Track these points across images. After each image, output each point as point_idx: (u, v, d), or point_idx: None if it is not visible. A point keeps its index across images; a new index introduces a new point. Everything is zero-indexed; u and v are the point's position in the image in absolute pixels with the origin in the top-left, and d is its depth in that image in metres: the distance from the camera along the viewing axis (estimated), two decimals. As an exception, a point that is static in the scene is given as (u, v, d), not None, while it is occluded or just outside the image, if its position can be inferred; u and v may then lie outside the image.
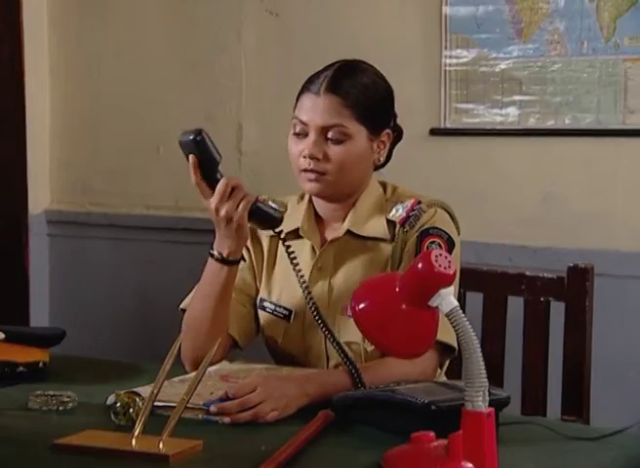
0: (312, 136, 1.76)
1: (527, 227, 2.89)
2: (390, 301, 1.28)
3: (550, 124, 2.87)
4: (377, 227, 1.81)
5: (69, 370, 1.86)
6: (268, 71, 3.24)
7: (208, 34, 3.32)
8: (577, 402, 2.02)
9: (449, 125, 2.97)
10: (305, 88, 1.81)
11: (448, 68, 2.95)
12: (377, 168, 1.86)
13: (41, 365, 1.82)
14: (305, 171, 1.78)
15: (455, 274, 1.26)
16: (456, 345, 1.72)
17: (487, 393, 1.23)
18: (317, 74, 1.82)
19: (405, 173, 1.96)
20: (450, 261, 1.23)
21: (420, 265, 1.24)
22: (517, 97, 2.89)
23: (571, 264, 2.04)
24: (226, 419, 1.52)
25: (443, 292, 1.23)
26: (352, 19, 3.09)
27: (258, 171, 3.27)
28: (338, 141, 1.76)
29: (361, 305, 1.30)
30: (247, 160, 3.30)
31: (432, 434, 1.25)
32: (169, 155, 3.42)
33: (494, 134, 2.93)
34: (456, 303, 1.23)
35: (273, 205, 1.76)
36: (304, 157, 1.77)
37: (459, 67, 2.94)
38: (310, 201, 1.87)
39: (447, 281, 1.23)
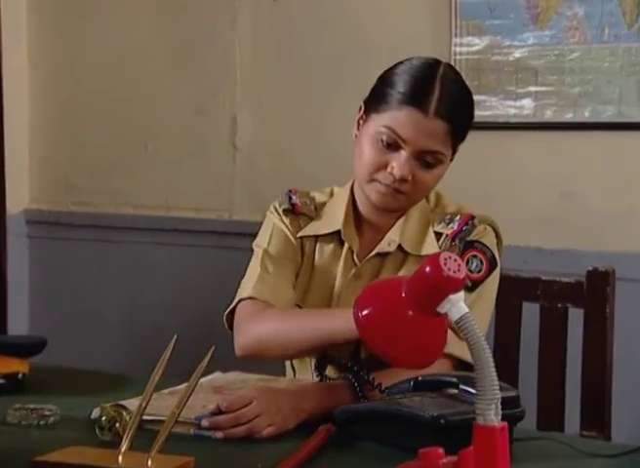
0: (406, 155, 1.75)
1: (543, 228, 2.90)
2: (396, 307, 1.28)
3: (568, 117, 2.87)
4: (432, 245, 1.82)
5: (51, 382, 1.86)
6: (265, 60, 3.25)
7: (200, 20, 3.32)
8: (597, 416, 2.02)
9: (459, 118, 2.98)
10: (405, 96, 1.74)
11: (458, 57, 2.95)
12: None
13: (20, 376, 1.82)
14: (382, 184, 1.77)
15: (466, 279, 1.25)
16: (470, 359, 1.72)
17: (500, 406, 1.23)
18: (410, 76, 1.76)
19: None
20: (460, 265, 1.23)
21: (427, 269, 1.24)
22: (533, 88, 2.90)
23: (590, 268, 2.04)
24: (219, 434, 1.53)
25: (452, 297, 1.23)
26: (355, 5, 3.10)
27: (253, 167, 3.28)
28: (429, 166, 1.77)
29: (364, 311, 1.30)
30: (242, 156, 3.30)
31: (441, 450, 1.25)
32: (158, 150, 3.42)
33: (507, 127, 2.94)
34: (466, 310, 1.23)
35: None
36: (391, 174, 1.76)
37: (469, 56, 2.95)
38: (351, 200, 1.88)
39: (456, 286, 1.23)
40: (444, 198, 1.90)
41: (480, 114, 2.99)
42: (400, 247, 1.83)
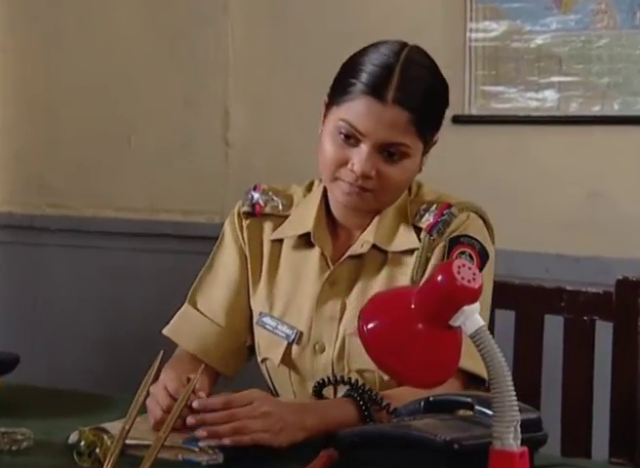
0: (366, 149, 1.76)
1: (567, 232, 2.90)
2: (404, 320, 1.29)
3: (596, 110, 2.88)
4: (406, 238, 1.83)
5: (24, 403, 1.86)
6: (260, 47, 3.26)
7: (188, 3, 3.33)
8: (627, 441, 2.02)
9: (474, 111, 2.99)
10: (362, 85, 1.76)
11: (473, 44, 2.96)
12: None
13: (-10, 396, 1.82)
14: (345, 182, 1.78)
15: (481, 289, 1.26)
16: (485, 374, 1.73)
17: (519, 429, 1.24)
18: (372, 62, 1.77)
19: (426, 167, 1.97)
20: (475, 273, 1.24)
21: (439, 277, 1.24)
22: (556, 79, 2.91)
23: (620, 277, 2.04)
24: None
25: (467, 309, 1.24)
26: (359, -15, 3.11)
27: (248, 165, 3.29)
28: (394, 160, 1.77)
29: (370, 325, 1.31)
30: (235, 153, 3.31)
31: (454, 478, 1.26)
32: (142, 146, 3.43)
33: (528, 122, 2.95)
34: (482, 323, 1.24)
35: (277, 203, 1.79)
36: (352, 171, 1.77)
37: (486, 43, 2.96)
38: (323, 200, 1.89)
39: (471, 296, 1.24)
40: (423, 187, 1.89)
41: (498, 107, 3.04)
42: (376, 246, 1.83)
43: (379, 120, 1.74)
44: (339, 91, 1.80)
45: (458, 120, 2.98)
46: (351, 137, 1.76)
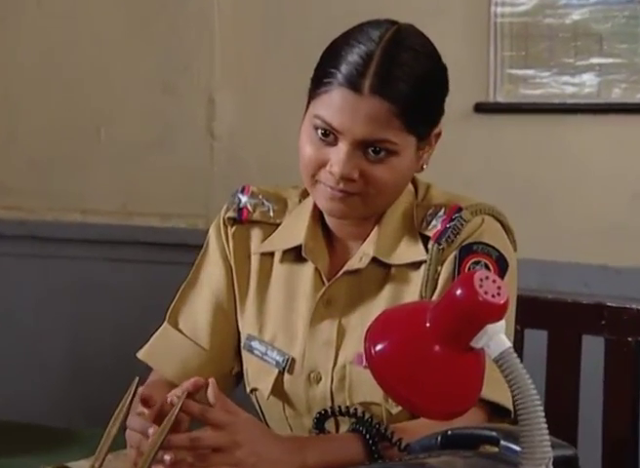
0: (345, 148, 1.75)
1: (609, 240, 2.91)
2: (419, 341, 1.30)
3: (642, 96, 2.89)
4: (411, 249, 1.83)
5: (-22, 439, 1.87)
6: (251, 25, 3.26)
7: (167, -27, 3.35)
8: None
9: (500, 99, 2.99)
10: (336, 73, 1.75)
11: (499, 20, 2.97)
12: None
13: (-62, 431, 1.84)
14: (326, 185, 1.78)
15: (507, 304, 1.27)
16: (510, 405, 1.74)
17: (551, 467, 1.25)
18: (351, 48, 1.76)
19: (439, 165, 1.97)
20: (500, 287, 1.25)
21: (458, 292, 1.25)
22: (596, 60, 2.92)
23: (669, 291, 2.06)
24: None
25: (491, 328, 1.24)
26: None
27: (236, 160, 3.30)
28: (380, 158, 1.76)
29: (378, 347, 1.31)
30: (221, 146, 3.32)
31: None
32: (113, 139, 3.44)
33: (563, 110, 2.96)
34: (508, 344, 1.25)
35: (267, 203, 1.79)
36: (331, 173, 1.77)
37: (514, 19, 2.97)
38: (317, 209, 1.89)
39: (495, 313, 1.24)
40: (432, 189, 1.89)
41: (527, 94, 3.04)
42: (377, 259, 1.83)
43: (355, 114, 1.73)
44: (315, 82, 1.80)
45: (480, 109, 2.99)
46: (329, 135, 1.76)
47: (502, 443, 1.54)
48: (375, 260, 1.83)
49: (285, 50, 3.24)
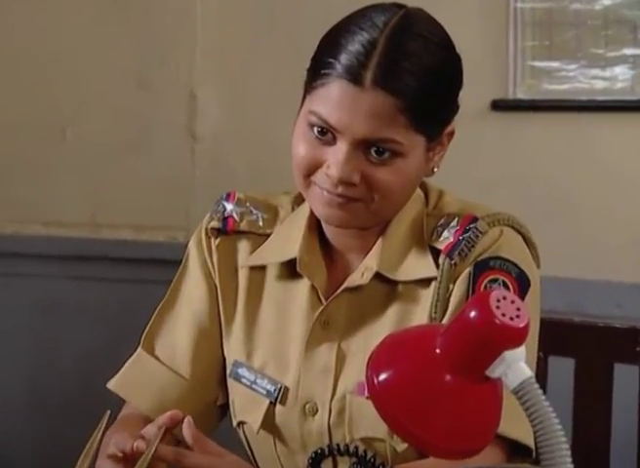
0: (344, 148, 1.75)
1: (645, 254, 2.92)
2: (428, 370, 1.30)
3: (681, 92, 2.90)
4: (419, 264, 1.83)
5: None
6: (236, 14, 3.27)
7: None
8: None
9: (521, 95, 3.00)
10: (335, 63, 1.75)
11: (520, 5, 2.98)
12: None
13: None
14: (322, 188, 1.78)
15: (528, 328, 1.28)
16: (532, 443, 1.74)
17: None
18: (352, 35, 1.76)
19: (452, 168, 1.98)
20: (520, 308, 1.25)
21: (472, 314, 1.25)
22: (629, 51, 2.92)
23: None
24: None
25: (509, 355, 1.24)
26: None
27: (219, 163, 3.30)
28: (383, 161, 1.77)
29: (382, 376, 1.31)
30: (203, 148, 3.33)
31: None
32: (81, 140, 3.44)
33: (593, 108, 2.96)
34: (529, 373, 1.25)
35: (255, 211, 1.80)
36: (327, 175, 1.77)
37: (536, 4, 2.98)
38: (313, 217, 1.90)
39: (515, 338, 1.25)
40: (445, 196, 1.89)
41: (552, 89, 3.05)
42: (381, 275, 1.83)
43: (355, 110, 1.73)
44: (312, 73, 1.80)
45: (498, 106, 3.00)
46: (327, 134, 1.77)
47: (523, 485, 1.55)
48: (378, 276, 1.84)
49: (276, 39, 3.25)
